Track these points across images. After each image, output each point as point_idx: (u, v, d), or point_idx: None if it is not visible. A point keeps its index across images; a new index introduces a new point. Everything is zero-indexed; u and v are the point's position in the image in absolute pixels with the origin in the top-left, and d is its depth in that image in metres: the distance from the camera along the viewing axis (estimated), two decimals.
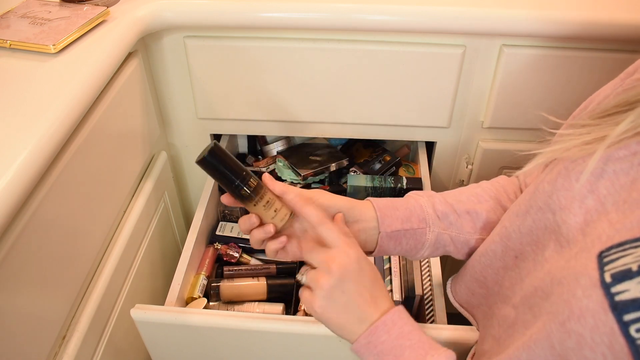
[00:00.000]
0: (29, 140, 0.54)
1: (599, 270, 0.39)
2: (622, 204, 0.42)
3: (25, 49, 0.69)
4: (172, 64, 0.91)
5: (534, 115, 0.89)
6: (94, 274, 0.74)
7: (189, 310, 0.72)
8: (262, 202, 0.56)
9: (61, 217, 0.63)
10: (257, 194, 0.55)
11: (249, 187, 0.55)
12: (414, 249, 0.63)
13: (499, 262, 0.58)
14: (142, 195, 0.88)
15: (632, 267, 0.37)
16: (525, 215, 0.53)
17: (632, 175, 0.42)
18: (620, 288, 0.37)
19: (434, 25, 0.80)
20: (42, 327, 0.61)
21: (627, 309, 0.36)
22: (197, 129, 1.00)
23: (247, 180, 0.55)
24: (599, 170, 0.44)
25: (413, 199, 0.64)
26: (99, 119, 0.71)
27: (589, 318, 0.38)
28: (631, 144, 0.42)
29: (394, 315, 0.52)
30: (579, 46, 0.83)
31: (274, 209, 0.56)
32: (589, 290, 0.39)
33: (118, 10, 0.80)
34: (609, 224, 0.42)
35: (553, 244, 0.48)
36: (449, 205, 0.63)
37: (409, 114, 0.93)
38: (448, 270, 1.15)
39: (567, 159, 0.47)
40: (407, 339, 0.51)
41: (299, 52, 0.86)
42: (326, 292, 0.52)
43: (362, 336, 0.52)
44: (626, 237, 0.39)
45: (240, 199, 0.56)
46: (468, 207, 0.63)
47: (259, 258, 0.98)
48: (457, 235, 0.62)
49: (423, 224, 0.62)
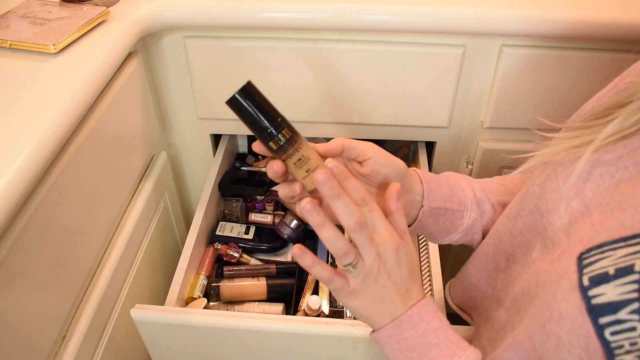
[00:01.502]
0: (29, 140, 0.54)
1: (578, 273, 0.39)
2: (605, 206, 0.42)
3: (25, 49, 0.69)
4: (172, 64, 0.91)
5: (534, 115, 0.89)
6: (94, 274, 0.74)
7: (189, 310, 0.72)
8: (293, 158, 0.48)
9: (61, 217, 0.63)
10: (290, 147, 0.47)
11: (282, 137, 0.47)
12: (447, 231, 0.60)
13: (491, 264, 0.58)
14: (142, 195, 0.88)
15: (609, 270, 0.37)
16: (516, 217, 0.53)
17: (617, 178, 0.43)
18: (597, 291, 0.37)
19: (434, 25, 0.80)
20: (42, 327, 0.61)
21: (603, 312, 0.36)
22: (197, 129, 1.00)
23: (281, 128, 0.47)
24: (585, 174, 0.44)
25: (453, 178, 0.61)
26: (99, 119, 0.71)
27: (567, 321, 0.39)
28: (617, 148, 0.43)
29: (421, 309, 0.48)
30: (579, 46, 0.83)
31: (306, 168, 0.48)
32: (568, 294, 0.39)
33: (118, 10, 0.80)
34: (591, 225, 0.42)
35: (539, 246, 0.49)
36: (485, 193, 0.61)
37: (409, 114, 0.93)
38: (448, 271, 1.15)
39: (557, 162, 0.47)
40: (434, 336, 0.48)
41: (299, 52, 0.86)
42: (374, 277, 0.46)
43: (385, 328, 0.48)
44: (605, 239, 0.39)
45: (270, 148, 0.48)
46: (499, 198, 0.61)
47: (259, 258, 0.98)
48: (487, 225, 0.60)
49: (462, 206, 0.59)
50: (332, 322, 0.69)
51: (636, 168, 0.42)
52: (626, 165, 0.42)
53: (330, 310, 0.84)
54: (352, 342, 0.69)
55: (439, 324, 0.49)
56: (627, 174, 0.42)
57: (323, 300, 0.85)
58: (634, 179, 0.42)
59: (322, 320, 0.69)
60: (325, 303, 0.85)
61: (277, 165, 0.48)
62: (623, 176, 0.42)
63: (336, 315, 0.83)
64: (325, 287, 0.87)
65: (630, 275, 0.36)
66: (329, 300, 0.85)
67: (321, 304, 0.83)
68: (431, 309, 0.49)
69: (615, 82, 0.49)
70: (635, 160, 0.42)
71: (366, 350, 0.70)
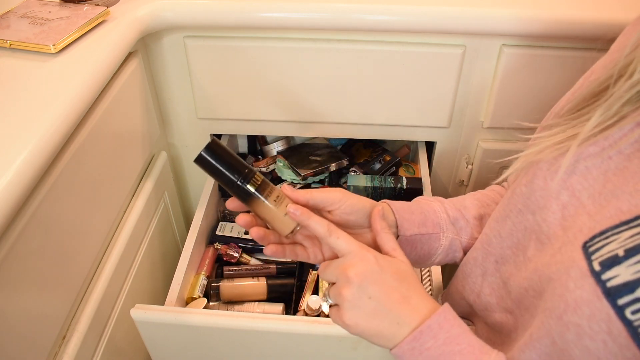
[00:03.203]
0: (29, 140, 0.54)
1: (587, 260, 0.40)
2: (597, 196, 0.43)
3: (25, 49, 0.69)
4: (172, 64, 0.91)
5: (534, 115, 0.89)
6: (94, 274, 0.74)
7: (189, 310, 0.72)
8: (271, 197, 0.51)
9: (61, 217, 0.63)
10: (264, 191, 0.50)
11: (254, 183, 0.50)
12: (427, 255, 0.61)
13: (479, 269, 0.58)
14: (142, 195, 0.88)
15: (618, 252, 0.38)
16: (505, 219, 0.53)
17: (604, 168, 0.44)
18: (610, 274, 0.38)
19: (434, 25, 0.80)
20: (42, 327, 0.61)
21: (620, 293, 0.37)
22: (197, 129, 1.00)
23: (250, 177, 0.50)
24: (571, 167, 0.46)
25: (425, 202, 0.62)
26: (99, 119, 0.71)
27: (584, 308, 0.39)
28: (599, 141, 0.44)
29: (440, 317, 0.47)
30: (580, 46, 0.83)
31: (285, 204, 0.51)
32: (580, 281, 0.40)
33: (118, 10, 0.80)
34: (588, 216, 0.43)
35: (534, 244, 0.49)
36: (458, 211, 0.62)
37: (409, 114, 0.93)
38: (448, 273, 1.15)
39: (542, 161, 0.48)
40: (456, 343, 0.46)
41: (299, 52, 0.86)
42: (350, 302, 0.47)
43: (405, 341, 0.47)
44: (606, 225, 0.40)
45: (244, 199, 0.51)
46: (474, 213, 0.63)
47: (259, 258, 0.98)
48: (468, 242, 0.62)
49: (437, 228, 0.60)
50: (332, 322, 0.69)
51: (620, 157, 0.43)
52: (610, 155, 0.44)
53: None
54: (352, 342, 0.69)
55: (459, 330, 0.47)
56: (613, 164, 0.43)
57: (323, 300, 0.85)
58: (620, 168, 0.43)
59: (322, 320, 0.69)
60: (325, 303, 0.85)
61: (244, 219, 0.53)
62: (609, 166, 0.44)
63: None
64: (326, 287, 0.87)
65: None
66: None
67: (321, 304, 0.83)
68: (450, 317, 0.48)
69: (582, 79, 0.51)
70: (619, 150, 0.43)
71: (366, 350, 0.70)
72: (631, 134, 0.42)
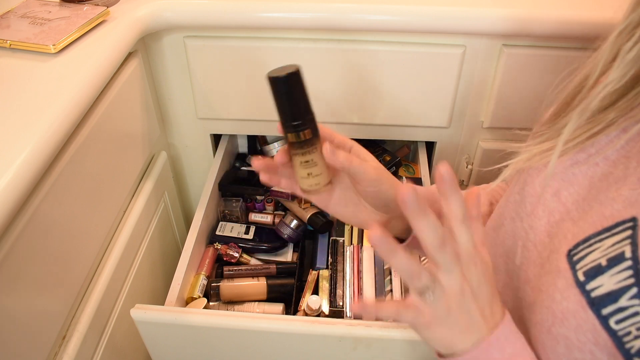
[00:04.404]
0: (29, 140, 0.54)
1: (572, 270, 0.40)
2: (581, 202, 0.44)
3: (25, 49, 0.69)
4: (172, 64, 0.91)
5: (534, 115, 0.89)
6: (94, 274, 0.74)
7: (189, 310, 0.72)
8: (301, 157, 0.47)
9: (61, 217, 0.63)
10: (302, 147, 0.47)
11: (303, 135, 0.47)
12: None
13: None
14: (142, 195, 0.88)
15: (601, 262, 0.38)
16: (499, 228, 0.54)
17: (590, 174, 0.44)
18: (595, 284, 0.38)
19: (434, 25, 0.80)
20: (42, 327, 0.61)
21: (604, 303, 0.37)
22: (197, 129, 1.00)
23: (304, 127, 0.47)
24: (562, 174, 0.46)
25: None
26: (99, 119, 0.71)
27: (571, 319, 0.39)
28: (587, 147, 0.45)
29: (505, 329, 0.42)
30: (580, 46, 0.83)
31: (308, 171, 0.47)
32: (566, 292, 0.40)
33: (118, 10, 0.80)
34: (572, 222, 0.43)
35: (520, 250, 0.49)
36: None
37: (409, 114, 0.93)
38: None
39: (532, 168, 0.49)
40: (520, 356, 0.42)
41: (299, 52, 0.86)
42: (457, 301, 0.40)
43: (470, 354, 0.41)
44: (589, 232, 0.40)
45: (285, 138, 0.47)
46: (485, 209, 0.63)
47: (259, 258, 0.98)
48: None
49: None
50: (332, 322, 0.69)
51: (606, 163, 0.44)
52: (597, 162, 0.44)
53: (330, 310, 0.84)
54: (351, 342, 0.69)
55: (521, 344, 0.43)
56: (599, 170, 0.44)
57: (323, 300, 0.85)
58: (605, 174, 0.43)
59: (322, 320, 0.69)
60: (325, 303, 0.85)
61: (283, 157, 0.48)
62: (595, 172, 0.44)
63: (336, 315, 0.83)
64: (326, 287, 0.87)
65: (623, 263, 0.37)
66: (329, 300, 0.85)
67: (321, 303, 0.83)
68: (513, 329, 0.43)
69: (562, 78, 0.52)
70: (605, 157, 0.44)
71: (366, 350, 0.70)
72: (617, 140, 0.43)
